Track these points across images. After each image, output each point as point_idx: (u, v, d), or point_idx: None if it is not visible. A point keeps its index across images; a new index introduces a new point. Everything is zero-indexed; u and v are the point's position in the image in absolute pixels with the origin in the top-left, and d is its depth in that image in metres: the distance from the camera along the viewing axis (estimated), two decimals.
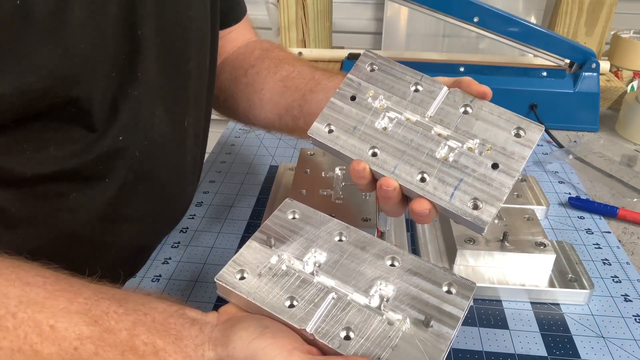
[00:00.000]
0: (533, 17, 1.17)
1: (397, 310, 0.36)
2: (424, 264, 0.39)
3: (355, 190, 0.58)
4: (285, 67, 0.60)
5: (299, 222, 0.43)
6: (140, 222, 0.53)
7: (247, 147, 0.81)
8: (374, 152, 0.41)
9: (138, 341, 0.35)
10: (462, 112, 0.42)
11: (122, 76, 0.44)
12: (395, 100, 0.43)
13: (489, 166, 0.39)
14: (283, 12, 1.05)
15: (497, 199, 0.38)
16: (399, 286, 0.38)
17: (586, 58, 0.84)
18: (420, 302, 0.37)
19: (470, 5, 0.79)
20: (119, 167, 0.47)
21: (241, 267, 0.39)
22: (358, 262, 0.39)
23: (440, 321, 0.35)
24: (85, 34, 0.39)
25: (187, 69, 0.52)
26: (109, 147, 0.45)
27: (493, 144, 0.40)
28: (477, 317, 0.49)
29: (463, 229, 0.54)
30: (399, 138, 0.42)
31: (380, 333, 0.35)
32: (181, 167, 0.56)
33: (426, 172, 0.40)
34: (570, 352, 0.45)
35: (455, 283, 0.37)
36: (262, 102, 0.61)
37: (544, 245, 0.52)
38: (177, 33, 0.50)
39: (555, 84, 0.86)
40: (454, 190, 0.39)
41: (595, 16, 0.98)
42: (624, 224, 0.63)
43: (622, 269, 0.55)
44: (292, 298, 0.37)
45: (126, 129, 0.46)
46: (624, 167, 0.74)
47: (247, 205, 0.66)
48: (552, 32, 0.85)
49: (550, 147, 0.81)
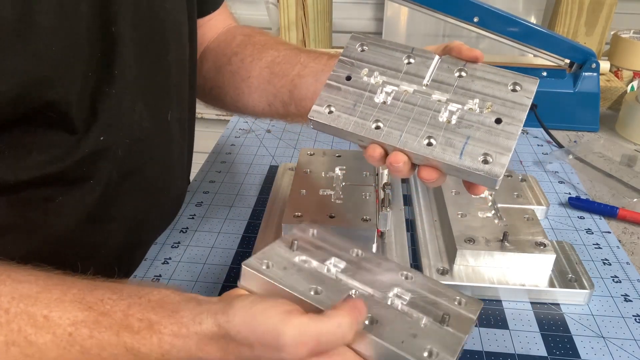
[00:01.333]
0: (533, 17, 1.17)
1: (414, 310, 0.38)
2: (437, 282, 0.41)
3: (355, 190, 0.58)
4: (269, 53, 0.60)
5: (317, 239, 0.44)
6: (130, 220, 0.53)
7: (247, 147, 0.81)
8: (378, 126, 0.42)
9: (133, 319, 0.35)
10: (457, 76, 0.42)
11: (98, 75, 0.44)
12: (390, 74, 0.44)
13: (493, 121, 0.40)
14: (283, 12, 1.05)
15: (506, 150, 0.39)
16: (414, 293, 0.39)
17: (586, 58, 0.84)
18: (435, 305, 0.38)
19: (470, 5, 0.79)
20: (103, 167, 0.47)
21: (267, 260, 0.40)
22: (374, 273, 0.41)
23: (455, 324, 0.37)
24: (56, 36, 0.39)
25: (166, 62, 0.52)
26: (91, 148, 0.45)
27: (492, 100, 0.41)
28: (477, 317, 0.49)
29: (463, 229, 0.54)
30: (399, 109, 0.42)
31: (401, 324, 0.36)
32: (168, 161, 0.56)
33: (432, 137, 0.40)
34: (570, 352, 0.45)
35: (464, 298, 0.39)
36: (251, 90, 0.60)
37: (544, 245, 0.52)
38: (153, 27, 0.49)
39: (555, 84, 0.86)
40: (462, 150, 0.39)
41: (595, 16, 0.98)
42: (624, 224, 0.63)
43: (622, 269, 0.55)
44: (316, 289, 0.38)
45: (107, 128, 0.46)
46: (624, 167, 0.74)
47: (247, 205, 0.66)
48: (552, 32, 0.85)
49: (550, 147, 0.81)
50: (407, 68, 0.44)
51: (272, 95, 0.58)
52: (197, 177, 0.73)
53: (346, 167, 0.62)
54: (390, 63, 0.44)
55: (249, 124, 0.88)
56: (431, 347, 0.34)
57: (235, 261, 0.56)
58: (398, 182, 0.68)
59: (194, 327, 0.35)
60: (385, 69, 0.44)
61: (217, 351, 0.34)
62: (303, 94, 0.54)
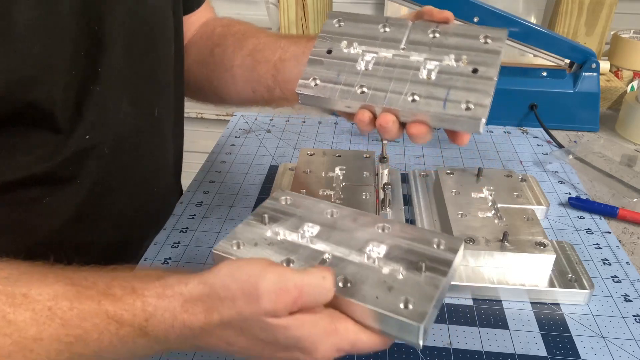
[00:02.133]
0: (533, 17, 1.17)
1: (391, 262, 0.38)
2: (413, 227, 0.41)
3: (355, 190, 0.58)
4: (250, 41, 0.61)
5: (291, 206, 0.44)
6: (119, 218, 0.53)
7: (247, 147, 0.81)
8: (363, 91, 0.44)
9: (115, 288, 0.34)
10: (431, 37, 0.45)
11: (83, 73, 0.44)
12: (369, 43, 0.46)
13: (470, 71, 0.43)
14: (283, 12, 1.05)
15: (486, 94, 0.41)
16: (391, 244, 0.39)
17: (586, 58, 0.84)
18: (412, 254, 0.38)
19: (470, 5, 0.79)
20: (89, 166, 0.47)
21: (237, 240, 0.40)
22: (350, 231, 0.41)
23: (433, 268, 0.37)
24: (37, 34, 0.39)
25: (152, 59, 0.52)
26: (77, 147, 0.45)
27: (467, 54, 0.43)
28: (477, 317, 0.49)
29: (463, 229, 0.54)
30: (381, 73, 0.45)
31: (376, 280, 0.36)
32: (157, 158, 0.56)
33: (416, 94, 0.43)
34: (570, 352, 0.45)
35: (443, 239, 0.39)
36: (235, 79, 0.61)
37: (544, 245, 0.52)
38: (140, 24, 0.50)
39: (555, 84, 0.86)
40: (445, 100, 0.42)
41: (595, 16, 0.98)
42: (624, 224, 0.63)
43: (622, 269, 0.55)
44: (288, 260, 0.38)
45: (92, 127, 0.46)
46: (624, 167, 0.74)
47: (247, 205, 0.66)
48: (552, 32, 0.85)
49: (550, 147, 0.81)
50: (384, 35, 0.46)
51: (256, 81, 0.59)
52: (197, 177, 0.73)
53: (346, 167, 0.62)
54: (368, 33, 0.47)
55: (249, 124, 0.88)
56: (406, 297, 0.34)
57: None
58: (398, 182, 0.68)
59: (179, 288, 0.34)
60: (364, 39, 0.47)
61: (202, 312, 0.33)
62: (287, 77, 0.56)
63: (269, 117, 0.90)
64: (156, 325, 0.33)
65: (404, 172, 0.73)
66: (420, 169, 0.72)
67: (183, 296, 0.33)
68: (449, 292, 0.51)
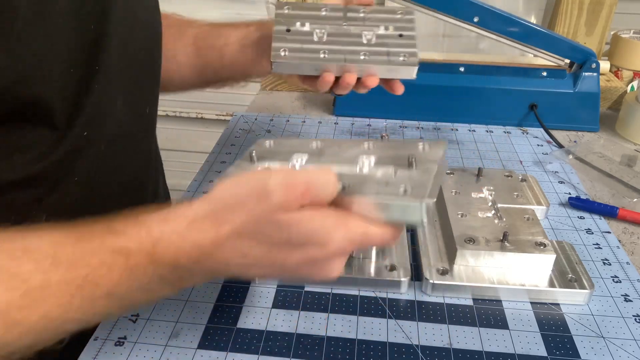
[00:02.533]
0: (533, 17, 1.17)
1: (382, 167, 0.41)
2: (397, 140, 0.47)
3: None
4: (189, 31, 0.65)
5: (276, 146, 0.48)
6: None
7: (247, 147, 0.80)
8: (324, 56, 0.57)
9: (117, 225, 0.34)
10: (362, 16, 0.60)
11: (82, 71, 0.44)
12: (316, 22, 0.60)
13: (397, 36, 0.59)
14: None
15: (412, 47, 0.58)
16: (379, 155, 0.43)
17: (586, 58, 0.84)
18: (400, 158, 0.41)
19: (470, 5, 0.79)
20: (86, 163, 0.47)
21: None
22: (338, 154, 0.44)
23: (423, 163, 0.40)
24: (34, 32, 0.38)
25: (142, 57, 0.53)
26: (73, 144, 0.45)
27: (392, 24, 0.59)
28: (477, 317, 0.49)
29: (463, 229, 0.54)
30: (333, 42, 0.58)
31: (373, 181, 0.39)
32: (147, 154, 0.57)
33: (365, 54, 0.57)
34: (570, 352, 0.45)
35: (427, 142, 0.43)
36: (180, 66, 0.65)
37: (544, 245, 0.52)
38: (135, 23, 0.50)
39: (555, 84, 0.86)
40: (387, 56, 0.57)
41: (595, 16, 0.98)
42: (624, 224, 0.63)
43: (622, 269, 0.55)
44: None
45: (90, 124, 0.46)
46: (624, 167, 0.74)
47: None
48: (552, 32, 0.85)
49: (550, 147, 0.81)
50: (326, 16, 0.60)
51: (201, 65, 0.65)
52: (197, 177, 0.73)
53: None
54: (313, 15, 0.60)
55: (249, 124, 0.88)
56: (404, 186, 0.37)
57: None
58: None
59: (183, 210, 0.34)
60: (312, 19, 0.60)
61: (211, 227, 0.33)
62: (235, 59, 0.63)
63: (269, 117, 0.90)
64: (164, 249, 0.33)
65: None
66: None
67: (188, 218, 0.33)
68: (448, 291, 0.51)
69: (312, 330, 0.48)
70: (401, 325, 0.48)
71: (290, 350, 0.46)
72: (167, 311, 0.49)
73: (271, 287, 0.53)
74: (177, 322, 0.48)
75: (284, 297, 0.51)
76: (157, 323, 0.48)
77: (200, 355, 0.45)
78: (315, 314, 0.49)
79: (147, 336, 0.46)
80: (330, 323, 0.48)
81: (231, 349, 0.46)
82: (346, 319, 0.49)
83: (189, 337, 0.47)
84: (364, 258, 0.54)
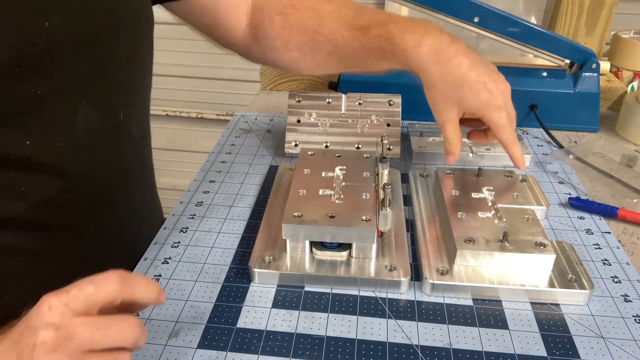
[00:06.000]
0: (533, 17, 1.17)
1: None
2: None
3: (355, 190, 0.58)
4: (325, 45, 0.62)
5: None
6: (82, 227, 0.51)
7: (247, 147, 0.81)
8: (326, 145, 0.74)
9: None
10: (358, 104, 0.76)
11: (26, 73, 0.41)
12: (321, 113, 0.76)
13: (385, 125, 0.75)
14: None
15: (397, 138, 0.75)
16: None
17: (586, 58, 0.84)
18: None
19: (470, 5, 0.79)
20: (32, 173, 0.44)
21: None
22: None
23: None
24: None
25: (116, 58, 0.49)
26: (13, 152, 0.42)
27: (383, 114, 0.75)
28: (477, 317, 0.49)
29: (463, 229, 0.54)
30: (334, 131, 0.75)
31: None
32: (122, 163, 0.54)
33: (359, 144, 0.74)
34: (570, 352, 0.45)
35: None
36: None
37: (544, 246, 0.52)
38: (100, 20, 0.47)
39: (555, 84, 0.86)
40: (376, 146, 0.73)
41: (596, 16, 0.98)
42: (624, 224, 0.63)
43: (622, 270, 0.55)
44: None
45: (32, 132, 0.43)
46: (624, 167, 0.74)
47: (247, 205, 0.66)
48: (552, 33, 0.85)
49: (550, 148, 0.81)
50: (330, 106, 0.76)
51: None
52: (197, 177, 0.73)
53: (346, 167, 0.62)
54: (319, 104, 0.75)
55: (249, 124, 0.88)
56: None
57: (235, 261, 0.56)
58: (398, 182, 0.68)
59: None
60: (317, 109, 0.76)
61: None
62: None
63: (269, 117, 0.90)
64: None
65: (404, 172, 0.73)
66: (420, 169, 0.72)
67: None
68: (448, 292, 0.51)
69: (312, 330, 0.48)
70: (401, 325, 0.48)
71: (290, 350, 0.46)
72: (167, 311, 0.49)
73: (271, 286, 0.53)
74: (177, 322, 0.48)
75: (284, 297, 0.51)
76: (156, 322, 0.48)
77: (200, 355, 0.45)
78: (315, 314, 0.49)
79: (147, 335, 0.46)
80: (330, 323, 0.48)
81: (231, 348, 0.46)
82: (346, 319, 0.49)
83: (188, 336, 0.47)
84: (364, 258, 0.54)
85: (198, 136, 1.72)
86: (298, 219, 0.53)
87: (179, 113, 1.68)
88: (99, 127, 0.49)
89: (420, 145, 0.76)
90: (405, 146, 0.79)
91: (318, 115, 0.75)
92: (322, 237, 0.53)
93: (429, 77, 0.57)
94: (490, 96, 0.56)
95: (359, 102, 0.74)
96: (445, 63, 0.56)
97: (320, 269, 0.52)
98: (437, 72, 0.56)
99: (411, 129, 0.81)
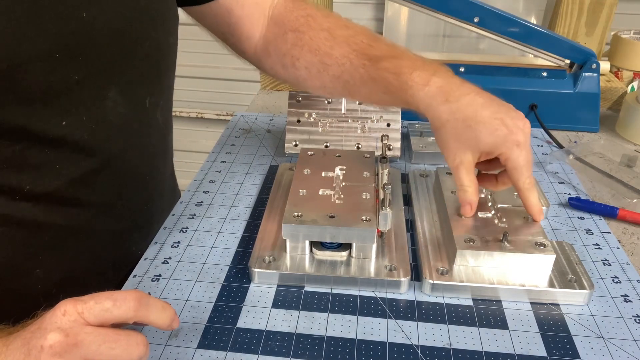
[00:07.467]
0: (533, 17, 1.17)
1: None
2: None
3: (355, 190, 0.58)
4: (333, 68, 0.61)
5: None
6: (107, 206, 0.54)
7: (247, 147, 0.81)
8: (326, 145, 0.75)
9: None
10: (358, 104, 0.76)
11: (63, 60, 0.44)
12: (321, 113, 0.76)
13: (385, 125, 0.76)
14: None
15: (397, 137, 0.75)
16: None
17: (586, 58, 0.84)
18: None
19: (470, 5, 0.79)
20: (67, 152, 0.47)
21: None
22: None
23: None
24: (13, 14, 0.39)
25: (144, 49, 0.52)
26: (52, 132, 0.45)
27: (382, 114, 0.76)
28: (477, 317, 0.49)
29: (463, 230, 0.54)
30: (334, 131, 0.76)
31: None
32: (148, 147, 0.57)
33: (359, 143, 0.75)
34: (570, 352, 0.45)
35: None
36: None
37: (544, 246, 0.52)
38: (132, 14, 0.49)
39: (555, 84, 0.86)
40: (376, 143, 0.75)
41: (596, 16, 0.98)
42: (623, 224, 0.63)
43: (622, 270, 0.55)
44: None
45: (69, 113, 0.46)
46: (624, 167, 0.74)
47: (247, 205, 0.66)
48: (552, 33, 0.85)
49: (550, 148, 0.81)
50: (329, 107, 0.76)
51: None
52: (197, 177, 0.73)
53: (346, 167, 0.62)
54: (318, 105, 0.76)
55: (249, 124, 0.88)
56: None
57: (235, 261, 0.56)
58: (398, 182, 0.68)
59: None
60: (317, 109, 0.76)
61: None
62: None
63: (269, 117, 0.90)
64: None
65: (404, 172, 0.73)
66: (420, 169, 0.72)
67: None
68: (448, 292, 0.51)
69: (312, 330, 0.48)
70: (401, 325, 0.48)
71: (290, 350, 0.46)
72: None
73: (271, 286, 0.53)
74: None
75: (284, 297, 0.51)
76: None
77: (200, 354, 0.45)
78: (315, 314, 0.49)
79: (147, 335, 0.46)
80: (330, 323, 0.48)
81: (231, 348, 0.46)
82: (346, 318, 0.49)
83: (188, 336, 0.47)
84: (364, 258, 0.54)
85: (198, 136, 1.72)
86: (298, 219, 0.53)
87: (179, 113, 1.68)
88: (127, 112, 0.52)
89: (420, 145, 0.77)
90: (405, 146, 0.79)
91: (318, 115, 0.75)
92: (322, 237, 0.53)
93: (437, 115, 0.52)
94: (509, 132, 0.51)
95: (359, 102, 0.75)
96: (455, 101, 0.52)
97: (320, 269, 0.52)
98: (446, 111, 0.52)
99: (411, 129, 0.81)
